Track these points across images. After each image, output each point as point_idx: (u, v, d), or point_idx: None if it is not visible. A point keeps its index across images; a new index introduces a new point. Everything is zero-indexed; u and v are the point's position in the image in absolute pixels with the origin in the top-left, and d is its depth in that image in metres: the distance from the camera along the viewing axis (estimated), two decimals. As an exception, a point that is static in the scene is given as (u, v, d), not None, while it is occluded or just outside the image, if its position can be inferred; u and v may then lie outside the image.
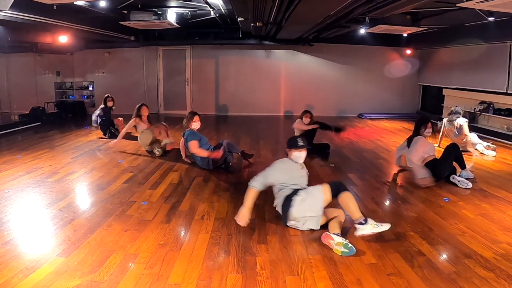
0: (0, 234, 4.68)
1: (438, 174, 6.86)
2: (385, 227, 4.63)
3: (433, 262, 4.16)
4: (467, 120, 9.69)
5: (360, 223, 4.63)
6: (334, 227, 4.80)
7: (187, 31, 14.36)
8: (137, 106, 9.64)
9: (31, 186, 6.58)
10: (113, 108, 11.62)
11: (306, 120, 9.37)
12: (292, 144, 5.27)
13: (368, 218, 4.65)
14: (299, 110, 16.32)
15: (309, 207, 4.90)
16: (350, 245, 4.37)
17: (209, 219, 5.28)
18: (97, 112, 11.52)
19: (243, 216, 4.84)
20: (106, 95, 11.43)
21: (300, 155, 5.28)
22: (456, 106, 9.78)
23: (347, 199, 4.78)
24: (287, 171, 5.24)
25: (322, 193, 4.85)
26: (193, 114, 7.91)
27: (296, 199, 4.92)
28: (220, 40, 15.15)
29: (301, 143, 5.24)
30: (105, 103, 11.43)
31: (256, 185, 5.06)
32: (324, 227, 4.89)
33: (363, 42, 14.98)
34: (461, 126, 9.39)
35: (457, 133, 9.46)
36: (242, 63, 15.99)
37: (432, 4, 8.05)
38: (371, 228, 4.59)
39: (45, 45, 13.19)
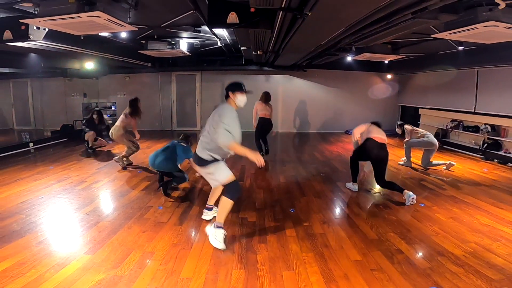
0: (35, 235, 4.71)
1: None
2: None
3: (411, 259, 4.18)
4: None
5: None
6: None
7: (197, 58, 14.38)
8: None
9: (61, 193, 6.60)
10: (99, 123, 11.53)
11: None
12: (237, 87, 4.74)
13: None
14: (294, 127, 16.41)
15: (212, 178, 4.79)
16: None
17: (216, 222, 5.29)
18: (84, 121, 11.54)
19: (256, 157, 4.36)
20: (94, 109, 11.32)
21: (244, 99, 4.75)
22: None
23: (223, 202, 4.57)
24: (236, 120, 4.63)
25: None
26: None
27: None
28: (225, 66, 15.15)
29: (245, 87, 4.78)
30: (91, 116, 11.45)
31: (232, 138, 4.44)
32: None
33: (350, 68, 14.97)
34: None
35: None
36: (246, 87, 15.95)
37: (410, 35, 8.09)
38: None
39: (74, 70, 13.23)
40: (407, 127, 9.29)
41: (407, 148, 9.37)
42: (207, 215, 5.42)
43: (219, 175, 4.67)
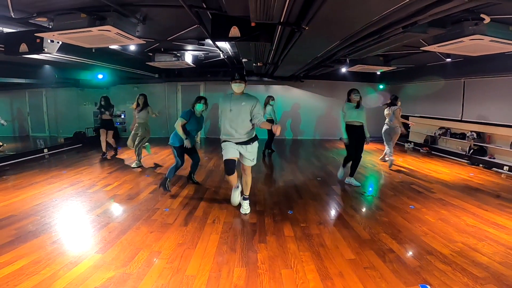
0: (49, 235, 4.72)
1: None
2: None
3: (401, 258, 4.19)
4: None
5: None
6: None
7: (201, 69, 14.42)
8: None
9: (74, 196, 6.60)
10: (108, 106, 10.95)
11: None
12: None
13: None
14: (292, 134, 16.40)
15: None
16: None
17: (219, 223, 5.30)
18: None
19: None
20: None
21: (233, 86, 5.74)
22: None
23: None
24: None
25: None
26: (198, 98, 7.01)
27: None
28: (227, 77, 15.09)
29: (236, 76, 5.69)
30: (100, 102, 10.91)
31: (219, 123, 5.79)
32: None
33: (344, 78, 15.05)
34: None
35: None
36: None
37: (400, 48, 8.13)
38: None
39: (85, 81, 13.29)
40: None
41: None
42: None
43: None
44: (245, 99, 5.55)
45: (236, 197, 6.04)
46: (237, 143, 5.54)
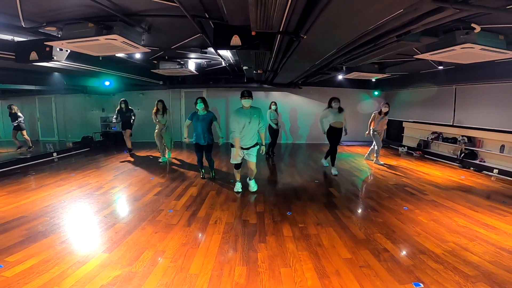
0: (58, 235, 4.72)
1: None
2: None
3: (395, 257, 4.19)
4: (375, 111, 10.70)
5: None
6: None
7: (203, 77, 14.44)
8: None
9: (82, 198, 6.61)
10: (127, 111, 11.55)
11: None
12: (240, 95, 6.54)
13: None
14: (291, 139, 16.38)
15: None
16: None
17: (221, 224, 5.30)
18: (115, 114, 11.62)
19: (236, 155, 6.73)
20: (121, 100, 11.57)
21: (243, 101, 6.52)
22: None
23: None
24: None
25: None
26: (197, 98, 8.05)
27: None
28: (229, 84, 15.17)
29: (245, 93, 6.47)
30: (120, 106, 11.50)
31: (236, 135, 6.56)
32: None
33: (341, 85, 15.06)
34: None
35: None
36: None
37: (395, 56, 8.15)
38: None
39: (93, 87, 13.31)
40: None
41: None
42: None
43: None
44: (255, 112, 6.61)
45: (238, 187, 7.26)
46: (245, 149, 6.75)
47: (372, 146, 11.10)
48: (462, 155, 10.47)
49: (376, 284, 3.58)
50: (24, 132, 12.39)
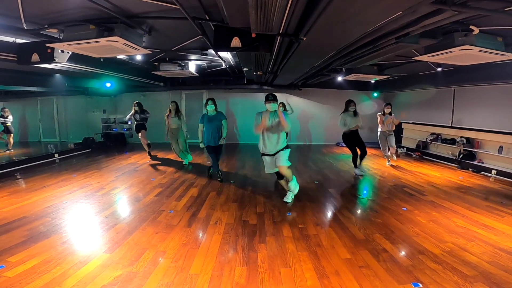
0: (60, 236, 4.73)
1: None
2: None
3: (394, 257, 4.19)
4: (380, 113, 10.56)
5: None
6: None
7: (204, 78, 14.44)
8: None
9: (83, 199, 6.61)
10: (141, 113, 11.23)
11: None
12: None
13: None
14: (291, 140, 16.37)
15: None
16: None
17: (221, 224, 5.30)
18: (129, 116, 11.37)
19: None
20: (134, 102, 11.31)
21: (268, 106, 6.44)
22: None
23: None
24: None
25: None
26: (207, 99, 8.16)
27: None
28: (229, 85, 15.19)
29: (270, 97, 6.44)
30: (133, 109, 11.20)
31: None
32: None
33: (340, 87, 15.04)
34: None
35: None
36: (246, 103, 15.90)
37: (394, 58, 8.15)
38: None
39: (94, 89, 13.32)
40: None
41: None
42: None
43: None
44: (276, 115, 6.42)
45: (288, 198, 6.65)
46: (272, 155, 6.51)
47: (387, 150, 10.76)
48: (461, 156, 10.47)
49: (375, 284, 3.58)
50: (12, 135, 12.52)
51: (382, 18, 4.07)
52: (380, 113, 10.42)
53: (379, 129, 10.41)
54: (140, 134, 11.20)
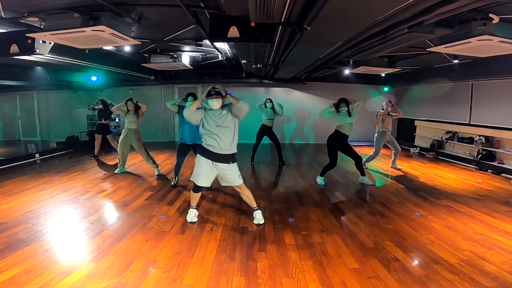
0: (41, 243, 4.73)
1: None
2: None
3: (407, 267, 4.19)
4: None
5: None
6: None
7: (198, 71, 14.44)
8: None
9: (66, 203, 6.61)
10: (106, 109, 11.21)
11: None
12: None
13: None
14: (292, 138, 16.39)
15: None
16: None
17: (217, 231, 5.30)
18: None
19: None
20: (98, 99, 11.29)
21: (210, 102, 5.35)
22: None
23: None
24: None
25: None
26: (187, 94, 7.68)
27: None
28: (226, 79, 15.19)
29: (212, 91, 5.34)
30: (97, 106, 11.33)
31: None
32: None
33: (348, 81, 15.02)
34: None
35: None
36: (245, 99, 15.83)
37: (406, 49, 8.14)
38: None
39: (78, 83, 13.30)
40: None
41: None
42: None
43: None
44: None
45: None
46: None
47: (394, 151, 10.36)
48: (479, 156, 10.47)
49: (385, 296, 3.59)
50: None
51: (394, 5, 4.06)
52: (382, 109, 10.12)
53: (379, 130, 10.08)
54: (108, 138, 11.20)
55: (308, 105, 16.29)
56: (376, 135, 10.15)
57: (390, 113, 10.04)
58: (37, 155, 11.67)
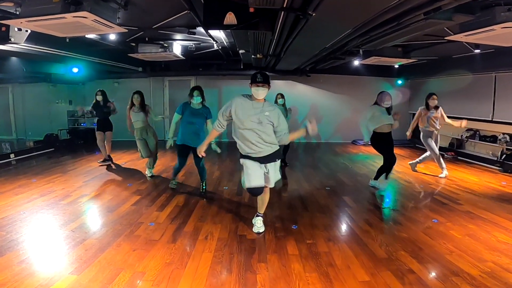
0: (16, 254, 4.71)
1: None
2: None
3: (423, 280, 4.18)
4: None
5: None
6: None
7: (191, 62, 14.47)
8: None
9: (45, 208, 6.60)
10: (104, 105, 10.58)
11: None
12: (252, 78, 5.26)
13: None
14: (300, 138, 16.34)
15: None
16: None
17: (212, 239, 5.30)
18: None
19: (200, 150, 5.54)
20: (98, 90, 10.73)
21: (257, 90, 5.18)
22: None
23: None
24: (242, 107, 5.23)
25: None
26: (192, 88, 7.43)
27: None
28: (222, 71, 15.21)
29: (259, 78, 5.17)
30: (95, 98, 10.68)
31: (215, 126, 5.49)
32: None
33: (357, 73, 15.05)
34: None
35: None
36: (243, 93, 15.85)
37: (422, 37, 8.13)
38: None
39: (58, 75, 13.28)
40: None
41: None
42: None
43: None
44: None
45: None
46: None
47: (426, 154, 10.05)
48: (503, 156, 10.48)
49: (399, 312, 3.59)
50: None
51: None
52: (422, 107, 9.79)
53: (423, 128, 9.75)
54: (105, 136, 10.65)
55: (313, 100, 16.29)
56: (422, 134, 9.84)
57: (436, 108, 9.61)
58: (12, 156, 11.65)
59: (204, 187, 7.85)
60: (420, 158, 10.19)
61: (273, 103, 10.12)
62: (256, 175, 5.22)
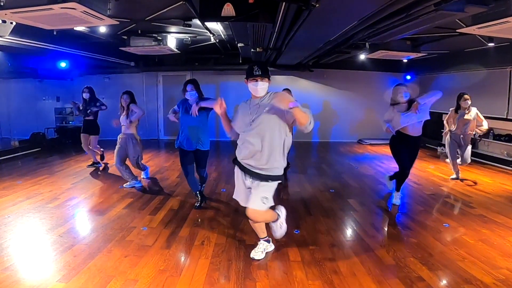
0: (0, 260, 4.70)
1: None
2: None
3: (433, 288, 4.19)
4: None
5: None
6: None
7: (187, 56, 14.47)
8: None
9: (31, 212, 6.60)
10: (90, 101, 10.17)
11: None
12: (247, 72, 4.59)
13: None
14: (299, 136, 16.37)
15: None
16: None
17: (209, 245, 5.30)
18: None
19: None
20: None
21: (255, 86, 4.67)
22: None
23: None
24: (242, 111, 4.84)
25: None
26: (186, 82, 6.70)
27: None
28: (220, 65, 15.21)
29: (257, 71, 4.51)
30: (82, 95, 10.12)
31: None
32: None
33: (363, 67, 15.06)
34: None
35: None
36: (243, 89, 15.81)
37: (432, 30, 8.13)
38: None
39: (45, 70, 13.29)
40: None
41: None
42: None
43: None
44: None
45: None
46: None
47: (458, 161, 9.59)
48: (519, 157, 10.48)
49: (408, 322, 3.59)
50: None
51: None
52: (452, 108, 9.53)
53: (449, 130, 9.51)
54: (90, 139, 10.24)
55: (316, 96, 16.28)
56: (448, 136, 9.52)
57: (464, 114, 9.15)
58: (-4, 156, 11.66)
59: (200, 200, 7.07)
60: (455, 168, 9.60)
61: None
62: (239, 189, 4.78)
